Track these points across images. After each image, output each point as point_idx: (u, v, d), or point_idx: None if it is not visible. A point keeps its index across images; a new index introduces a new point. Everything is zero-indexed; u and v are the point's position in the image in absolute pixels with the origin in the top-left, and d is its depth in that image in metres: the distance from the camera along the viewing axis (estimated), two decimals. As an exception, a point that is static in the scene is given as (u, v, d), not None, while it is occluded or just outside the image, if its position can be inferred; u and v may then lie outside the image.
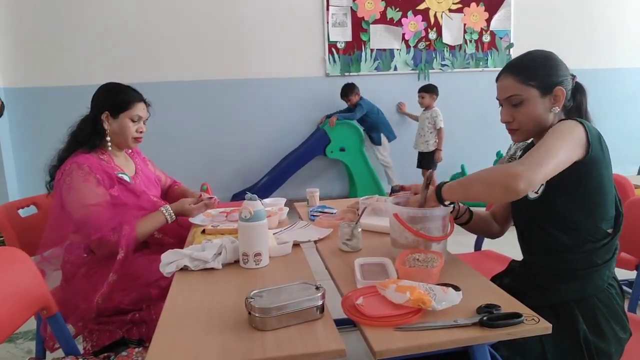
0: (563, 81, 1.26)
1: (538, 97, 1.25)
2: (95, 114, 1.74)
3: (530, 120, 1.27)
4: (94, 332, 1.55)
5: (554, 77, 1.25)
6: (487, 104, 4.69)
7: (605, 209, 1.23)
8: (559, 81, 1.25)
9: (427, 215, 1.30)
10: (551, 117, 1.27)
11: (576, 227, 1.23)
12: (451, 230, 1.38)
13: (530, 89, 1.24)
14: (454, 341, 0.93)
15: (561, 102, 1.25)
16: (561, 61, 1.30)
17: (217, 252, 1.33)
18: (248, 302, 0.98)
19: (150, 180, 1.93)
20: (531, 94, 1.25)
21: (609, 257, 1.24)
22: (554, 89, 1.25)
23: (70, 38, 4.23)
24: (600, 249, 1.23)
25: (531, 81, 1.24)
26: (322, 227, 1.67)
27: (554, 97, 1.25)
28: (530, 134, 1.31)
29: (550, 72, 1.26)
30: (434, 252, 1.27)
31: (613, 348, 1.21)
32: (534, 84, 1.24)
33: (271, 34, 4.55)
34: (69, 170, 1.62)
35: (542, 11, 4.97)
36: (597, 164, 1.18)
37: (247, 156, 4.67)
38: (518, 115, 1.28)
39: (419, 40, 4.82)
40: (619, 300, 1.27)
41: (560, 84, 1.25)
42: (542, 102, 1.25)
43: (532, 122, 1.27)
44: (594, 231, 1.22)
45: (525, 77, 1.25)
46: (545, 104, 1.25)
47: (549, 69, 1.26)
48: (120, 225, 1.59)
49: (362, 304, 1.01)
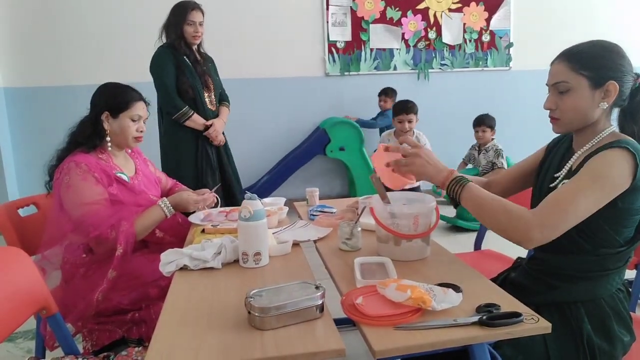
0: (620, 77, 1.17)
1: (587, 88, 1.17)
2: (95, 114, 1.74)
3: (573, 111, 1.20)
4: (93, 332, 1.56)
5: (609, 70, 1.17)
6: (486, 104, 4.71)
7: (626, 230, 1.18)
8: (614, 76, 1.16)
9: (404, 212, 1.32)
10: (598, 112, 1.19)
11: (595, 235, 1.18)
12: (435, 224, 1.37)
13: (581, 78, 1.17)
14: (454, 340, 0.93)
15: (612, 98, 1.17)
16: (625, 56, 1.20)
17: (216, 252, 1.34)
18: (248, 302, 0.98)
19: (150, 180, 1.93)
20: (580, 84, 1.17)
21: (622, 264, 1.22)
22: (606, 83, 1.16)
23: (70, 38, 4.23)
24: (614, 256, 1.20)
25: (583, 70, 1.17)
26: (322, 226, 1.67)
27: (605, 91, 1.17)
28: (571, 127, 1.24)
29: (607, 64, 1.17)
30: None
31: (616, 350, 1.19)
32: (586, 74, 1.17)
33: (271, 33, 4.54)
34: (67, 169, 1.63)
35: (542, 11, 4.96)
36: (637, 191, 1.13)
37: (247, 156, 4.67)
38: (562, 104, 1.21)
39: (418, 40, 4.82)
40: (625, 303, 1.25)
41: (616, 78, 1.16)
42: (591, 95, 1.17)
43: (575, 113, 1.20)
44: (610, 242, 1.19)
45: (578, 65, 1.17)
46: (594, 97, 1.17)
47: (606, 60, 1.18)
48: (119, 222, 1.59)
49: (361, 304, 1.01)
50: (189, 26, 2.74)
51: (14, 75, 4.19)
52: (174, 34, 2.76)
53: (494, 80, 4.89)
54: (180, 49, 2.76)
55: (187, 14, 2.72)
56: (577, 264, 1.22)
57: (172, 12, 2.79)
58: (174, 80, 2.75)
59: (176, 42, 2.76)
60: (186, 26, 2.74)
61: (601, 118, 1.22)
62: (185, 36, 2.76)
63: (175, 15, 2.76)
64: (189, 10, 2.73)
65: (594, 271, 1.21)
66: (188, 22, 2.73)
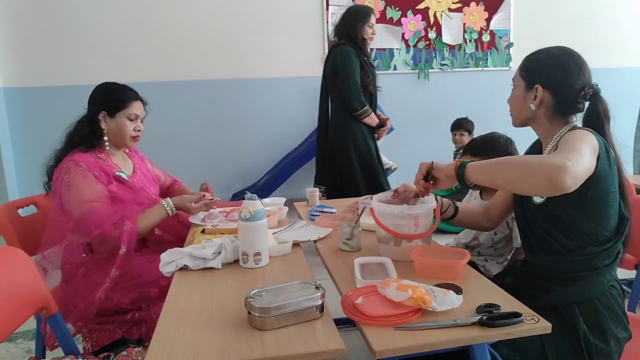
0: (550, 84, 1.27)
1: (522, 88, 1.34)
2: (92, 114, 1.74)
3: (512, 104, 1.39)
4: (93, 332, 1.56)
5: (540, 76, 1.29)
6: (486, 104, 4.70)
7: (608, 219, 1.22)
8: (542, 81, 1.28)
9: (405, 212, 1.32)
10: (531, 111, 1.32)
11: (578, 232, 1.22)
12: (435, 225, 1.37)
13: (520, 79, 1.35)
14: (454, 341, 0.93)
15: (538, 100, 1.29)
16: (570, 68, 1.27)
17: (216, 252, 1.34)
18: (248, 302, 0.98)
19: (149, 178, 1.93)
20: (519, 83, 1.36)
21: (611, 262, 1.24)
22: (534, 86, 1.30)
23: (70, 38, 4.23)
24: (602, 253, 1.22)
25: (523, 72, 1.35)
26: (322, 226, 1.67)
27: (536, 94, 1.30)
28: (516, 120, 1.39)
29: (541, 70, 1.30)
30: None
31: (613, 348, 1.21)
32: (523, 75, 1.34)
33: (271, 33, 4.54)
34: (66, 168, 1.63)
35: (542, 11, 4.96)
36: (603, 178, 1.17)
37: (247, 156, 4.67)
38: (509, 97, 1.41)
39: (418, 40, 4.81)
40: (619, 301, 1.27)
41: (543, 84, 1.28)
42: (524, 94, 1.33)
43: (513, 107, 1.39)
44: (595, 236, 1.21)
45: (522, 67, 1.36)
46: (525, 97, 1.33)
47: (544, 67, 1.30)
48: (122, 221, 1.59)
49: (362, 304, 1.01)
50: (369, 28, 3.01)
51: (14, 75, 4.19)
52: (357, 34, 2.98)
53: (494, 80, 4.88)
54: (363, 49, 3.04)
55: (370, 17, 3.01)
56: (566, 265, 1.24)
57: (355, 14, 3.02)
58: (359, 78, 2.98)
59: (360, 42, 3.00)
60: (367, 28, 2.99)
61: (541, 118, 1.31)
62: (365, 37, 3.02)
63: (360, 16, 3.00)
64: (371, 14, 3.03)
65: (583, 271, 1.23)
66: (369, 24, 3.00)
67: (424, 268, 1.22)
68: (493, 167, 1.14)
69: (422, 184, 1.31)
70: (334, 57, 3.03)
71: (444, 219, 1.48)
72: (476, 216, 1.55)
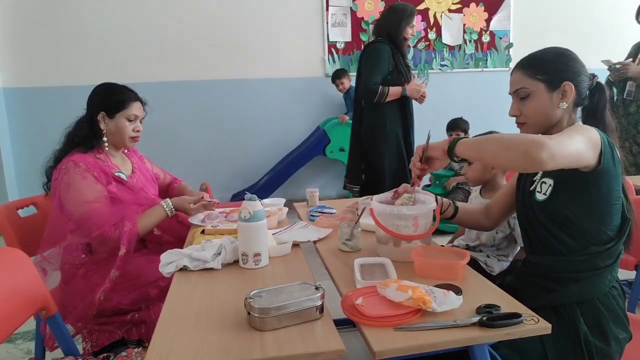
0: (574, 77, 1.24)
1: (545, 92, 1.25)
2: (91, 115, 1.74)
3: (536, 114, 1.27)
4: (93, 333, 1.56)
5: (563, 72, 1.24)
6: (486, 105, 4.70)
7: (611, 218, 1.21)
8: (568, 77, 1.24)
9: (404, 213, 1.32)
10: (559, 113, 1.26)
11: (581, 231, 1.21)
12: (435, 226, 1.37)
13: (537, 83, 1.25)
14: (454, 341, 0.93)
15: (569, 97, 1.24)
16: (577, 59, 1.28)
17: (216, 252, 1.33)
18: (247, 302, 0.98)
19: (148, 178, 1.93)
20: (537, 88, 1.25)
21: (612, 262, 1.24)
22: (561, 84, 1.23)
23: (69, 38, 4.23)
24: (603, 253, 1.22)
25: (539, 75, 1.25)
26: (322, 227, 1.67)
27: (562, 92, 1.24)
28: (537, 129, 1.29)
29: (560, 67, 1.25)
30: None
31: (613, 349, 1.21)
32: (541, 78, 1.24)
33: (271, 33, 4.54)
34: (65, 169, 1.63)
35: (542, 11, 4.96)
36: (608, 176, 1.17)
37: (247, 156, 4.67)
38: (525, 109, 1.28)
39: (418, 41, 4.81)
40: (620, 301, 1.27)
41: (570, 79, 1.23)
42: (549, 97, 1.25)
43: (538, 116, 1.27)
44: (598, 235, 1.21)
45: (533, 71, 1.26)
46: (552, 99, 1.25)
47: (559, 64, 1.26)
48: (122, 221, 1.59)
49: (361, 304, 1.01)
50: (411, 29, 3.00)
51: (14, 75, 4.19)
52: (398, 34, 2.96)
53: (493, 81, 4.88)
54: (401, 49, 3.01)
55: (414, 17, 3.00)
56: (567, 265, 1.24)
57: (399, 12, 2.98)
58: (383, 76, 2.92)
59: (400, 42, 2.98)
60: (409, 28, 2.99)
61: (564, 117, 1.27)
62: (406, 37, 3.00)
63: (404, 15, 2.97)
64: (415, 14, 3.02)
65: (584, 271, 1.22)
66: (411, 25, 3.00)
67: (424, 268, 1.22)
68: (481, 142, 1.18)
69: (418, 165, 1.31)
70: (368, 54, 2.99)
71: (444, 218, 1.48)
72: (476, 215, 1.55)
